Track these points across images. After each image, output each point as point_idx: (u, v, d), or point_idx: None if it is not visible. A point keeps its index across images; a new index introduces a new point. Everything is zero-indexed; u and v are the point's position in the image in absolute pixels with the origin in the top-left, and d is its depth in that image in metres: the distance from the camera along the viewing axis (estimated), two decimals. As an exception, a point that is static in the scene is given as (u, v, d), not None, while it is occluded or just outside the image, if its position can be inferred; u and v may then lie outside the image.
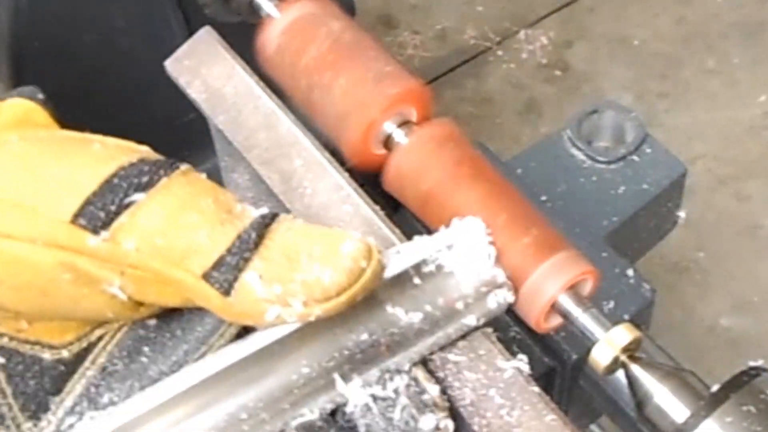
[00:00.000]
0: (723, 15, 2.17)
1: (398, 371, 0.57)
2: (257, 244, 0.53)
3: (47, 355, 0.58)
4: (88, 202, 0.53)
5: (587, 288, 0.63)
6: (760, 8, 2.16)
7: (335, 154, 0.67)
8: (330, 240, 0.54)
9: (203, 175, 0.56)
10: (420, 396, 0.56)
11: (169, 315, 0.58)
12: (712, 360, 1.69)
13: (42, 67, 1.10)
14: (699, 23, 2.16)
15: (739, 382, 0.59)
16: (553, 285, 0.61)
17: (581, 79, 2.11)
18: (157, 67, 0.72)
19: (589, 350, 0.61)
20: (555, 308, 0.62)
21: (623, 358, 0.61)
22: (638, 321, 0.77)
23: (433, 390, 0.57)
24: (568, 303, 0.62)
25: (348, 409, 0.56)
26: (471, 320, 0.59)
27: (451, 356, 0.60)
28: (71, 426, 0.56)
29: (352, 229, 0.64)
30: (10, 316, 0.57)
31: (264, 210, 0.55)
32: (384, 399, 0.56)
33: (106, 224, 0.53)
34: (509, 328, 0.75)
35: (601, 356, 0.60)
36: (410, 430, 0.55)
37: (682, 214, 0.97)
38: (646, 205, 0.91)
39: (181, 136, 1.08)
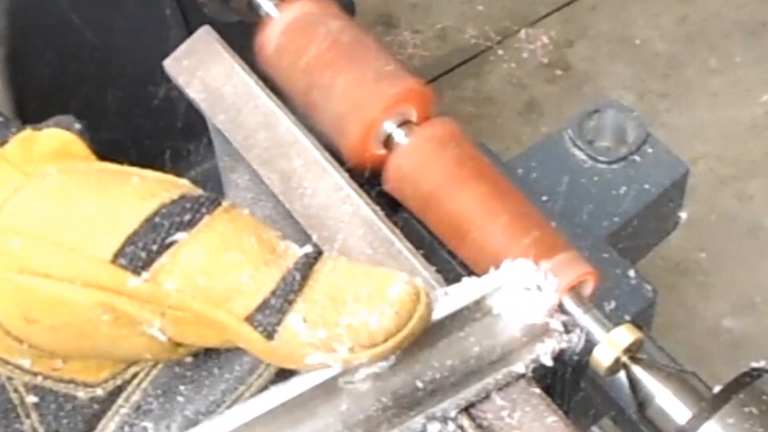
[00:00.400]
0: (725, 14, 2.17)
1: (444, 418, 0.56)
2: (301, 286, 0.52)
3: (81, 394, 0.57)
4: (128, 242, 0.51)
5: (588, 289, 0.63)
6: (763, 7, 2.16)
7: (335, 154, 0.67)
8: (377, 281, 0.52)
9: (246, 211, 0.55)
10: None
11: (206, 352, 0.57)
12: (714, 361, 1.69)
13: (39, 66, 1.10)
14: (701, 22, 2.16)
15: (742, 384, 0.59)
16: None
17: (582, 79, 2.11)
18: (155, 67, 0.72)
19: (590, 351, 0.61)
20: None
21: (625, 359, 0.61)
22: (640, 322, 0.77)
23: None
24: (569, 304, 0.62)
25: None
26: (519, 367, 0.58)
27: None
28: None
29: (352, 229, 0.64)
30: (45, 354, 0.56)
31: (308, 248, 0.53)
32: None
33: (147, 264, 0.51)
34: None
35: (602, 357, 0.61)
36: None
37: (683, 214, 0.97)
38: (648, 206, 0.91)
39: (179, 136, 1.08)
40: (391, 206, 0.67)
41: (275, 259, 0.52)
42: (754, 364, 0.61)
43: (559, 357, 0.72)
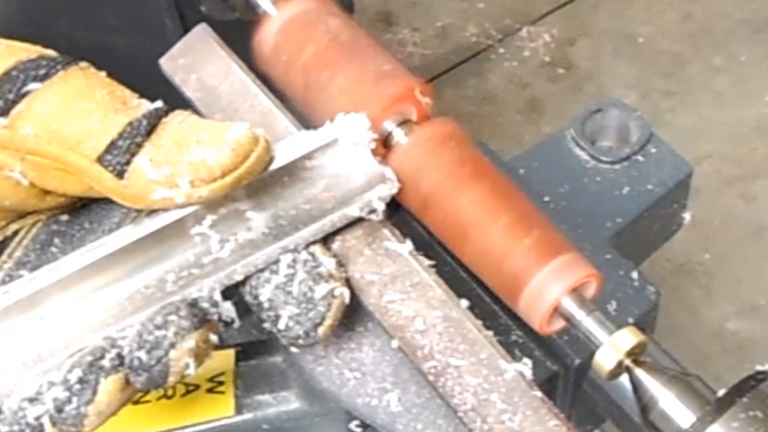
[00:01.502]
0: (730, 12, 2.17)
1: (294, 250, 0.61)
2: (149, 132, 0.57)
3: None
4: None
5: (591, 291, 0.63)
6: (768, 5, 2.17)
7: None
8: (218, 128, 0.58)
9: (103, 73, 0.60)
10: (316, 269, 0.60)
11: (80, 211, 0.64)
12: (718, 364, 1.69)
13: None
14: (705, 20, 2.17)
15: (746, 387, 0.59)
16: (556, 288, 0.61)
17: (585, 78, 2.11)
18: (151, 65, 0.72)
19: (592, 354, 0.61)
20: (558, 311, 0.62)
21: (627, 362, 0.61)
22: (643, 324, 0.77)
23: (328, 263, 0.61)
24: (571, 306, 0.62)
25: (253, 289, 0.61)
26: (354, 210, 0.62)
27: (453, 360, 0.60)
28: None
29: (352, 230, 0.64)
30: None
31: (159, 103, 0.59)
32: (284, 275, 0.60)
33: (4, 112, 0.57)
34: (511, 332, 0.75)
35: (605, 360, 0.61)
36: (307, 300, 0.60)
37: (687, 215, 0.97)
38: (651, 206, 0.91)
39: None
40: (390, 206, 0.67)
41: (125, 109, 0.58)
42: (759, 367, 0.61)
43: (560, 359, 0.72)
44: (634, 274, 0.83)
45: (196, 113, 0.71)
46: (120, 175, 0.57)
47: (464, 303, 0.62)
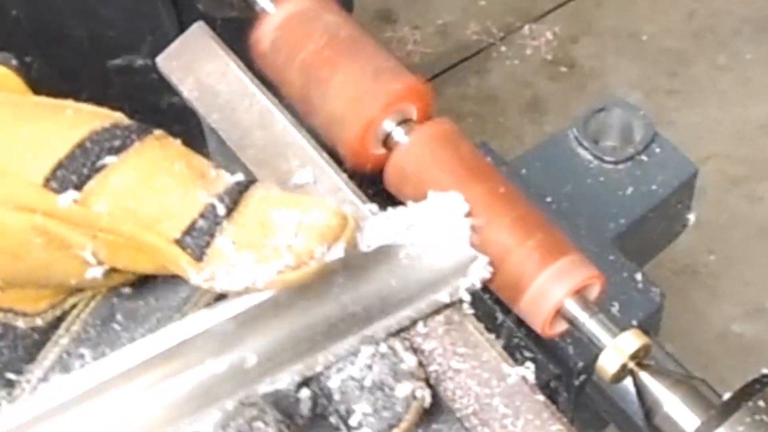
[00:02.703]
0: (735, 9, 2.17)
1: (374, 340, 0.58)
2: (231, 210, 0.54)
3: (21, 323, 0.59)
4: (59, 165, 0.54)
5: (594, 293, 0.63)
6: (774, 2, 2.17)
7: (333, 153, 0.67)
8: (304, 208, 0.55)
9: (178, 141, 0.57)
10: (397, 365, 0.57)
11: (143, 283, 0.60)
12: (723, 367, 1.69)
13: (27, 62, 1.10)
14: (710, 18, 2.17)
15: (752, 391, 0.59)
16: (558, 290, 0.61)
17: (588, 76, 2.11)
18: (148, 65, 0.72)
19: (596, 357, 0.61)
20: (561, 314, 0.62)
21: (631, 365, 0.61)
22: (647, 327, 0.77)
23: (410, 360, 0.58)
24: (574, 308, 0.62)
25: (323, 378, 0.57)
26: (444, 297, 0.60)
27: (453, 363, 0.60)
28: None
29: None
30: None
31: (239, 176, 0.56)
32: (360, 368, 0.57)
33: (77, 187, 0.54)
34: (514, 335, 0.75)
35: (608, 363, 0.61)
36: (386, 398, 0.56)
37: (692, 216, 0.97)
38: (655, 207, 0.91)
39: (173, 135, 1.08)
40: (390, 207, 0.67)
41: (205, 183, 0.55)
42: (765, 370, 0.61)
43: (563, 362, 0.72)
44: (638, 276, 0.83)
45: (194, 113, 0.71)
46: (199, 257, 0.54)
47: (466, 305, 0.62)
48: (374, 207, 0.64)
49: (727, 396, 0.60)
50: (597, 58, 2.13)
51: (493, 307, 0.75)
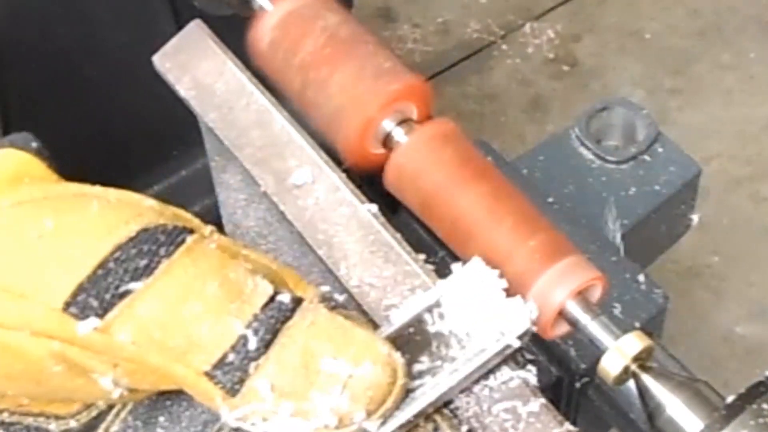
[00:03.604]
0: (739, 7, 2.17)
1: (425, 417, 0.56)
2: (270, 341, 0.50)
3: (53, 427, 0.56)
4: (80, 289, 0.51)
5: (596, 294, 0.63)
6: (778, 0, 2.17)
7: (332, 153, 0.67)
8: (355, 350, 0.51)
9: (213, 245, 0.53)
10: None
11: None
12: (727, 369, 1.69)
13: (23, 63, 1.10)
14: (714, 16, 2.17)
15: (756, 393, 0.59)
16: (560, 291, 0.61)
17: (590, 75, 2.11)
18: (144, 63, 0.73)
19: (598, 359, 0.61)
20: (562, 315, 0.62)
21: (634, 367, 0.61)
22: (650, 329, 0.77)
23: None
24: (576, 310, 0.62)
25: None
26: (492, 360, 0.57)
27: None
28: None
29: (349, 232, 0.64)
30: (9, 394, 0.56)
31: (284, 296, 0.52)
32: None
33: (99, 314, 0.50)
34: (514, 337, 0.75)
35: (610, 366, 0.61)
36: None
37: (695, 216, 0.97)
38: (658, 207, 0.91)
39: (169, 134, 1.08)
40: (391, 207, 0.67)
41: (240, 305, 0.51)
42: (769, 373, 0.61)
43: (565, 365, 0.72)
44: (641, 277, 0.83)
45: (191, 112, 0.71)
46: (232, 393, 0.50)
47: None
48: (373, 207, 0.64)
49: (730, 399, 0.60)
50: (599, 56, 2.13)
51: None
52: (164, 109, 0.88)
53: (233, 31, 0.73)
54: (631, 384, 0.62)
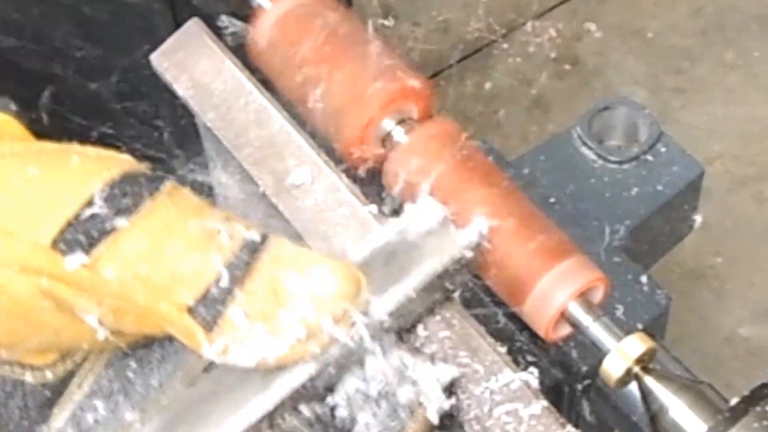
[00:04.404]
0: (742, 6, 2.17)
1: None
2: (244, 276, 0.53)
3: (29, 378, 0.58)
4: (68, 226, 0.52)
5: (598, 296, 0.63)
6: (782, -1, 2.17)
7: (331, 153, 0.67)
8: (319, 273, 0.54)
9: (188, 191, 0.56)
10: (403, 373, 0.57)
11: None
12: (730, 371, 1.69)
13: (19, 61, 1.10)
14: (717, 14, 2.17)
15: (760, 395, 0.59)
16: (562, 293, 0.62)
17: (592, 74, 2.11)
18: (141, 62, 0.73)
19: (600, 361, 0.61)
20: (564, 317, 0.62)
21: (636, 369, 0.61)
22: (652, 330, 0.77)
23: (421, 368, 0.58)
24: (578, 311, 0.62)
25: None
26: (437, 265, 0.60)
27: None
28: None
29: (348, 233, 0.64)
30: None
31: (253, 234, 0.55)
32: (365, 378, 0.57)
33: (86, 250, 0.52)
34: (516, 338, 0.75)
35: (613, 368, 0.61)
36: (389, 406, 0.57)
37: (698, 217, 0.97)
38: (661, 208, 0.91)
39: (167, 134, 1.08)
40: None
41: (219, 244, 0.54)
42: (773, 375, 0.61)
43: (566, 367, 0.72)
44: (643, 279, 0.83)
45: (188, 111, 0.71)
46: (209, 328, 0.53)
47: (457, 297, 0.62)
48: (373, 207, 0.65)
49: (734, 401, 0.60)
50: (601, 55, 2.13)
51: (495, 310, 0.75)
52: (162, 109, 0.88)
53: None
54: (633, 386, 0.62)
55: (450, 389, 0.58)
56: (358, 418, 0.56)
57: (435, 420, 0.57)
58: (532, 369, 0.60)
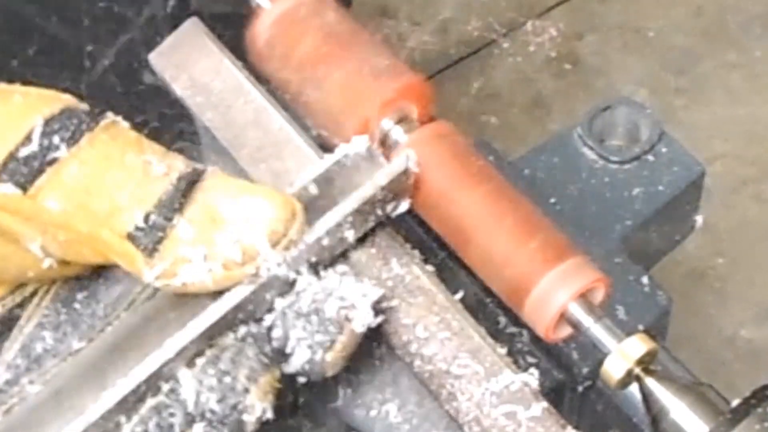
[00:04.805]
0: (744, 5, 2.17)
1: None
2: (182, 205, 0.56)
3: None
4: (10, 157, 0.55)
5: (599, 296, 0.63)
6: (784, -2, 2.17)
7: (330, 153, 0.67)
8: (255, 199, 0.57)
9: (127, 125, 0.58)
10: (331, 291, 0.59)
11: None
12: (732, 373, 1.69)
13: (16, 60, 1.10)
14: (719, 14, 2.17)
15: (761, 397, 0.59)
16: (562, 293, 0.62)
17: (593, 74, 2.11)
18: (139, 61, 0.72)
19: (601, 362, 0.61)
20: (565, 318, 0.62)
21: (637, 371, 0.61)
22: (653, 331, 0.77)
23: (348, 285, 0.60)
24: (578, 312, 0.62)
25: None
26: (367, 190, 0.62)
27: (454, 369, 0.60)
28: (7, 382, 0.59)
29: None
30: None
31: (190, 165, 0.58)
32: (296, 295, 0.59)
33: (29, 181, 0.55)
34: (516, 339, 0.75)
35: (613, 369, 0.61)
36: (319, 322, 0.58)
37: (700, 217, 0.97)
38: (662, 208, 0.91)
39: (165, 133, 1.08)
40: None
41: (157, 175, 0.56)
42: (775, 376, 0.61)
43: (567, 368, 0.72)
44: (645, 279, 0.83)
45: (186, 111, 0.71)
46: (150, 253, 0.55)
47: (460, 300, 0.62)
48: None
49: (735, 402, 0.60)
50: (602, 55, 2.13)
51: (495, 311, 0.75)
52: (160, 108, 0.88)
53: (230, 29, 0.73)
54: (634, 387, 0.62)
55: (377, 308, 0.60)
56: (290, 335, 0.58)
57: (359, 330, 0.59)
58: (532, 370, 0.60)
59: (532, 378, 0.60)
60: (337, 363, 0.59)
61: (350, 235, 0.61)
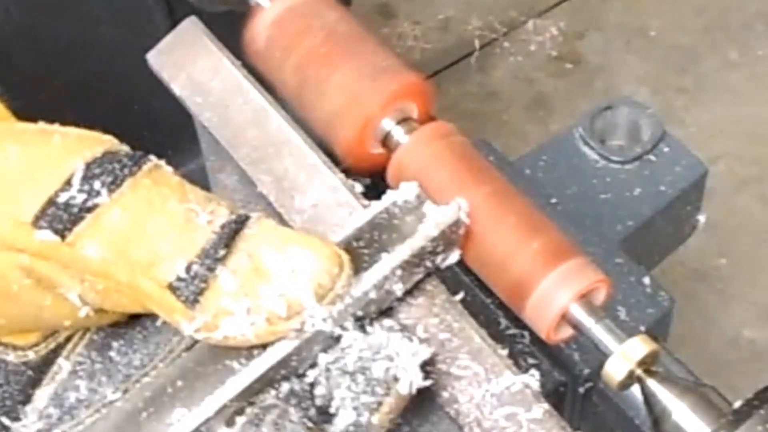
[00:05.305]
0: (746, 4, 2.17)
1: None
2: (226, 254, 0.54)
3: (12, 357, 0.59)
4: (50, 203, 0.53)
5: (600, 297, 0.63)
6: (786, -3, 2.17)
7: (329, 153, 0.67)
8: (301, 251, 0.55)
9: (170, 170, 0.56)
10: (379, 349, 0.57)
11: None
12: (734, 374, 1.69)
13: (16, 59, 1.10)
14: (720, 13, 2.17)
15: (764, 398, 0.59)
16: (563, 294, 0.61)
17: (594, 73, 2.11)
18: (138, 60, 0.72)
19: (602, 364, 0.61)
20: (566, 319, 0.62)
21: (639, 372, 0.61)
22: (655, 332, 0.77)
23: (395, 342, 0.58)
24: (579, 313, 0.62)
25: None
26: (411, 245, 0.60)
27: (455, 370, 0.60)
28: None
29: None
30: None
31: (236, 213, 0.55)
32: (341, 352, 0.57)
33: (68, 228, 0.53)
34: (517, 340, 0.75)
35: (615, 370, 0.61)
36: (366, 381, 0.56)
37: (702, 217, 0.97)
38: (664, 208, 0.91)
39: (164, 133, 1.08)
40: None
41: (200, 223, 0.54)
42: (777, 378, 0.61)
43: (568, 369, 0.72)
44: (646, 280, 0.83)
45: (186, 111, 0.71)
46: (191, 305, 0.53)
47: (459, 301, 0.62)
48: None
49: (738, 404, 0.60)
50: (604, 54, 2.13)
51: (496, 312, 0.75)
52: (159, 108, 0.88)
53: (229, 29, 0.73)
54: (636, 389, 0.62)
55: (426, 369, 0.58)
56: (334, 394, 0.56)
57: (406, 391, 0.57)
58: (533, 372, 0.60)
59: (533, 379, 0.59)
60: (384, 425, 0.56)
61: (398, 289, 0.59)
